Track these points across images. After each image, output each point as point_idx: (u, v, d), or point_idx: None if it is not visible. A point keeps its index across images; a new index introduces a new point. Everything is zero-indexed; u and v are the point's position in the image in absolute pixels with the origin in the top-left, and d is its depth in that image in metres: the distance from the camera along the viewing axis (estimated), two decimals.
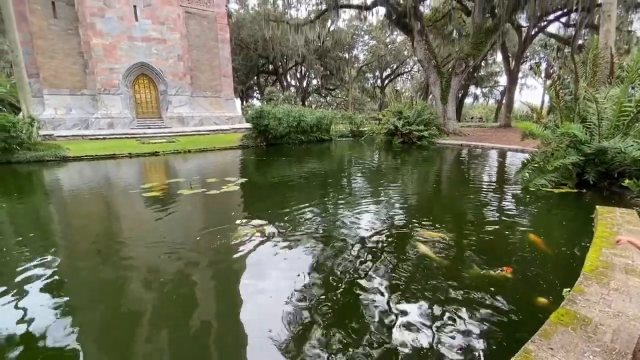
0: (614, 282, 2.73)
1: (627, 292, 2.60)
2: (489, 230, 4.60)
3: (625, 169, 6.31)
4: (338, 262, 3.67)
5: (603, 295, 2.55)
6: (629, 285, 2.70)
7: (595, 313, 2.33)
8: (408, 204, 6.35)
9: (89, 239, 4.84)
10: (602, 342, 2.04)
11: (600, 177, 6.61)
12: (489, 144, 14.89)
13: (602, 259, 3.15)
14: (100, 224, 5.63)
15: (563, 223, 5.16)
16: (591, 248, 3.41)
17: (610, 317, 2.29)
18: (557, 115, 7.57)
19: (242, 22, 35.82)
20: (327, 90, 49.84)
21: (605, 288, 2.65)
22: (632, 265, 3.03)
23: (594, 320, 2.25)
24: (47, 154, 12.58)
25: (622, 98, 6.22)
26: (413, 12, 18.57)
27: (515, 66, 25.42)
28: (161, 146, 15.26)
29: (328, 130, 19.35)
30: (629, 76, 5.96)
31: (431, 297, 2.92)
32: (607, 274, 2.87)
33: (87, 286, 3.45)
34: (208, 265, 3.81)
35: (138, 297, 3.17)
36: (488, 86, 44.48)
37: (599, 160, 6.54)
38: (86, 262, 3.97)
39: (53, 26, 19.63)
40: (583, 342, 2.04)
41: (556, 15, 24.32)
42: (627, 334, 2.12)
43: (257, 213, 5.68)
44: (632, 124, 6.45)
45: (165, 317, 2.86)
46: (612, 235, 3.72)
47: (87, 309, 3.00)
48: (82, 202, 6.91)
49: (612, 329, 2.17)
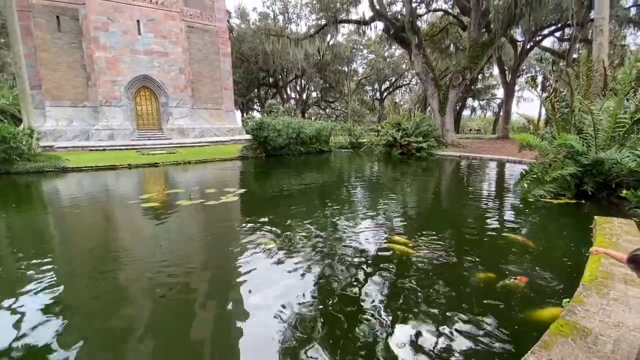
0: (613, 292, 2.71)
1: (626, 302, 2.58)
2: (489, 240, 4.59)
3: (623, 179, 6.34)
4: (337, 275, 3.63)
5: (603, 306, 2.53)
6: (629, 295, 2.68)
7: (595, 323, 2.31)
8: (408, 215, 6.34)
9: (85, 250, 4.80)
10: (602, 352, 2.02)
11: (598, 187, 6.63)
12: (487, 155, 14.97)
13: (601, 269, 3.13)
14: (97, 235, 5.60)
15: (563, 233, 5.15)
16: (590, 258, 3.40)
17: (610, 327, 2.27)
18: (554, 126, 7.65)
19: (243, 36, 36.52)
20: (326, 103, 50.40)
21: (604, 298, 2.63)
22: (631, 276, 3.00)
23: (594, 330, 2.23)
24: (46, 165, 12.60)
25: (617, 110, 6.31)
26: (410, 27, 18.98)
27: (511, 79, 25.82)
28: (161, 157, 15.32)
29: (327, 141, 19.49)
30: (622, 88, 6.05)
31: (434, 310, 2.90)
32: (607, 284, 2.85)
33: (82, 299, 3.40)
34: (204, 278, 3.78)
35: (131, 311, 3.12)
36: (485, 98, 45.08)
37: (596, 171, 6.57)
38: (83, 275, 3.94)
39: (57, 40, 20.00)
40: (583, 353, 2.01)
41: (550, 30, 24.89)
42: (628, 345, 2.09)
43: (255, 225, 5.66)
44: (627, 135, 6.52)
45: (159, 331, 2.81)
46: (610, 246, 3.71)
47: (82, 323, 2.95)
48: (81, 213, 6.89)
49: (612, 339, 2.14)
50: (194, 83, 24.38)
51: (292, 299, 3.11)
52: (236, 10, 41.18)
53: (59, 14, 19.74)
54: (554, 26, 23.92)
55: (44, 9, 19.37)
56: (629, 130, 6.46)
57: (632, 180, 6.15)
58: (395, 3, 25.70)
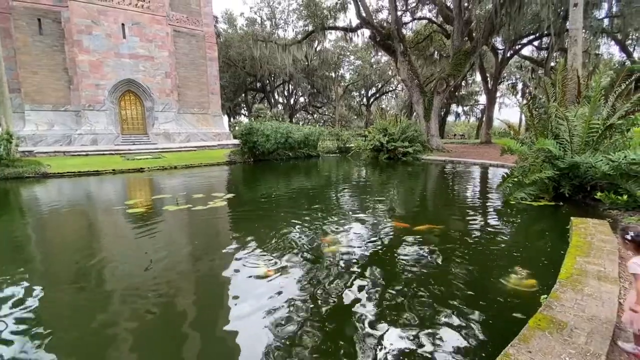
0: (587, 289, 2.87)
1: (599, 297, 2.74)
2: (473, 242, 4.75)
3: (597, 182, 6.66)
4: (327, 281, 3.66)
5: (577, 301, 2.67)
6: (602, 290, 2.85)
7: (571, 317, 2.44)
8: (397, 215, 6.47)
9: (66, 259, 4.71)
10: (577, 344, 2.15)
11: (575, 190, 6.94)
12: (471, 160, 15.37)
13: (576, 267, 3.30)
14: (79, 242, 5.49)
15: (544, 233, 5.37)
16: (566, 257, 3.58)
17: (584, 321, 2.41)
18: (533, 132, 7.98)
19: (231, 41, 36.45)
20: (314, 108, 50.64)
21: (579, 294, 2.79)
22: (604, 272, 3.19)
23: (569, 324, 2.36)
24: (26, 171, 12.23)
25: (590, 116, 6.65)
26: (396, 35, 19.40)
27: (493, 86, 26.64)
28: (147, 162, 15.08)
29: (315, 146, 19.60)
30: (594, 96, 6.39)
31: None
32: (581, 280, 3.02)
33: (61, 310, 3.33)
34: (190, 286, 3.77)
35: (114, 320, 3.08)
36: (469, 104, 46.24)
37: (572, 174, 6.89)
38: (65, 285, 3.86)
39: (38, 42, 19.51)
40: (559, 345, 2.14)
41: (529, 39, 25.86)
42: (600, 336, 2.23)
43: (243, 230, 5.67)
44: (600, 140, 6.87)
45: (143, 341, 2.80)
46: (585, 245, 3.91)
47: (61, 334, 2.85)
48: (62, 220, 6.73)
49: (586, 332, 2.28)
50: (180, 87, 24.15)
51: (277, 304, 3.15)
52: (223, 15, 41.17)
53: (40, 16, 19.28)
54: (532, 35, 24.89)
55: (25, 12, 18.89)
56: (602, 135, 6.81)
57: (605, 183, 6.47)
58: (381, 11, 26.25)
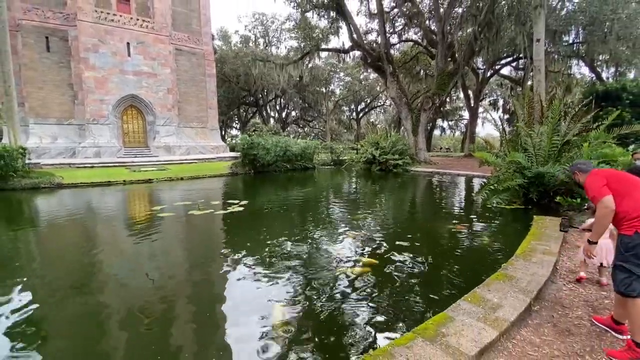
0: (534, 259, 4.05)
1: (541, 263, 3.91)
2: (459, 236, 5.93)
3: (558, 188, 8.00)
4: (321, 291, 3.73)
5: (525, 265, 3.84)
6: (544, 260, 4.02)
7: (519, 274, 3.59)
8: (393, 219, 7.62)
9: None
10: (520, 287, 3.29)
11: (541, 195, 8.25)
12: (455, 171, 16.81)
13: (529, 246, 4.49)
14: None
15: (515, 229, 6.60)
16: (524, 241, 4.77)
17: (527, 275, 3.56)
18: (506, 147, 9.36)
19: (225, 57, 37.81)
20: (305, 122, 52.20)
21: (528, 262, 3.95)
22: (549, 249, 4.38)
23: (517, 277, 3.51)
24: (42, 181, 12.92)
25: (550, 134, 8.03)
26: (385, 57, 21.06)
27: (475, 103, 28.65)
28: (153, 174, 15.89)
29: (311, 158, 20.79)
30: (553, 117, 7.79)
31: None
32: (531, 254, 4.19)
33: (64, 318, 3.38)
34: (189, 295, 3.92)
35: (113, 326, 3.18)
36: (454, 119, 48.64)
37: (538, 182, 8.21)
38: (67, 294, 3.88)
39: (45, 59, 20.32)
40: (509, 288, 3.28)
41: (507, 61, 28.13)
42: (536, 282, 3.39)
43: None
44: (560, 154, 8.26)
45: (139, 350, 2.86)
46: (539, 233, 5.13)
47: (61, 344, 2.95)
48: (85, 228, 7.40)
49: (527, 280, 3.43)
50: (180, 102, 25.16)
51: (271, 313, 3.23)
52: (219, 33, 42.72)
53: (48, 34, 20.17)
54: (509, 57, 27.15)
55: (34, 30, 19.76)
56: (561, 150, 8.20)
57: (564, 189, 7.82)
58: (370, 32, 28.16)
